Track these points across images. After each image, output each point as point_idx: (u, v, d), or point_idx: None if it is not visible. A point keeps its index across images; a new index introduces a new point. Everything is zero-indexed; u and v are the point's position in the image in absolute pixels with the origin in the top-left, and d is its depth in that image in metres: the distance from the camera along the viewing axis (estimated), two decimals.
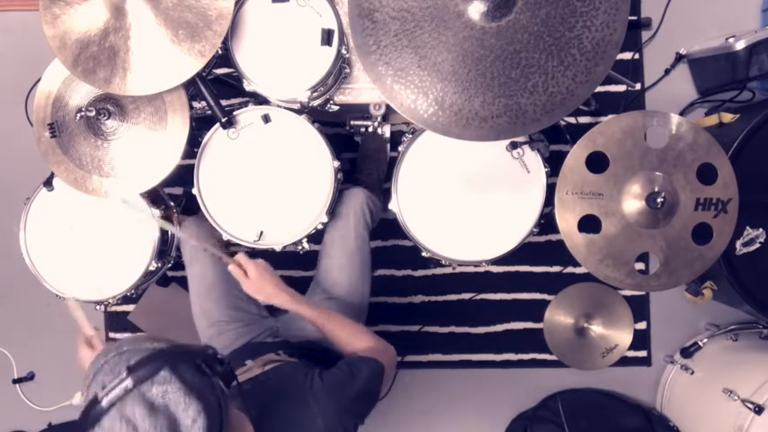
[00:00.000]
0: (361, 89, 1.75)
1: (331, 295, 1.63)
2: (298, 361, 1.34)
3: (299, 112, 1.59)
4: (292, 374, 1.22)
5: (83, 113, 1.50)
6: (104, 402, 0.81)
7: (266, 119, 1.58)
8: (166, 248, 1.75)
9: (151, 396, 0.82)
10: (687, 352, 1.97)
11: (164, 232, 1.68)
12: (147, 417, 0.80)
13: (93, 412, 0.82)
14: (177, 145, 1.52)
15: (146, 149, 1.53)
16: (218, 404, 0.87)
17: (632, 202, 1.43)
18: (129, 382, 0.82)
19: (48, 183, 1.65)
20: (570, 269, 2.16)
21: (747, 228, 1.66)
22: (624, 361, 2.16)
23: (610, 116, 1.66)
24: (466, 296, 2.20)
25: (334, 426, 1.12)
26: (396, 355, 1.38)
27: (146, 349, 0.86)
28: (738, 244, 1.66)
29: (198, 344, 0.95)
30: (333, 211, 1.65)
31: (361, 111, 1.92)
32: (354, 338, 1.37)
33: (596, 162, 1.44)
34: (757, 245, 1.68)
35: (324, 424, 1.12)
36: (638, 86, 2.14)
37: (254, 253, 1.51)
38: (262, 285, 1.40)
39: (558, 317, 2.17)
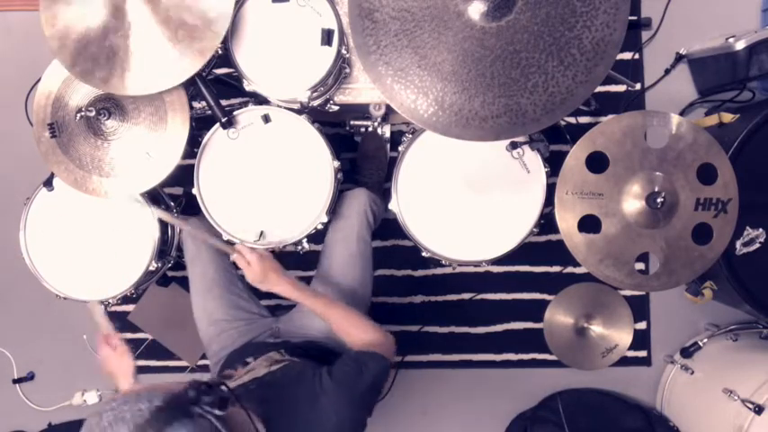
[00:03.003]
0: (361, 89, 1.75)
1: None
2: (302, 361, 1.34)
3: (299, 112, 1.59)
4: (301, 373, 1.22)
5: (83, 113, 1.50)
6: None
7: (266, 119, 1.58)
8: (166, 248, 1.75)
9: None
10: (687, 352, 1.97)
11: (163, 232, 1.68)
12: None
13: None
14: (177, 145, 1.52)
15: (146, 149, 1.53)
16: None
17: (632, 202, 1.43)
18: None
19: (48, 183, 1.65)
20: (570, 269, 2.16)
21: (747, 228, 1.66)
22: (624, 361, 2.16)
23: (610, 116, 1.66)
24: (466, 296, 2.20)
25: (346, 422, 1.13)
26: (395, 345, 1.39)
27: (135, 416, 0.85)
28: (738, 244, 1.66)
29: (181, 384, 0.92)
30: (335, 212, 1.65)
31: (361, 111, 1.92)
32: (356, 328, 1.39)
33: (596, 162, 1.44)
34: (757, 245, 1.68)
35: (337, 420, 1.12)
36: (638, 86, 2.14)
37: None
38: (264, 272, 1.42)
39: (558, 317, 2.17)
